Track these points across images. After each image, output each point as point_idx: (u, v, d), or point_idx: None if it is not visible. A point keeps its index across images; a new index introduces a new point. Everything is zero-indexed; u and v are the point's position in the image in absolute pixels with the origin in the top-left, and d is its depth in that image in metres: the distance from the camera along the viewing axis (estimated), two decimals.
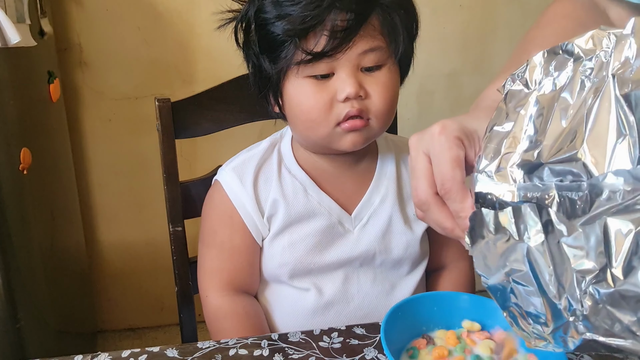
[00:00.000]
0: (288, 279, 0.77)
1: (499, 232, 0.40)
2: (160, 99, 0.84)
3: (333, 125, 0.69)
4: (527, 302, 0.40)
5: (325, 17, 0.64)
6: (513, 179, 0.40)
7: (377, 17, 0.67)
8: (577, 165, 0.36)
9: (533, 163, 0.39)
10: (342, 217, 0.77)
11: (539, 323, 0.40)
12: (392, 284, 0.80)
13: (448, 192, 0.45)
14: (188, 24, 1.53)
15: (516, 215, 0.39)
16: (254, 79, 0.74)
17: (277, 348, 0.63)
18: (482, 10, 1.69)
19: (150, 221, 1.67)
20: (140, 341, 1.76)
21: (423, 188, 0.47)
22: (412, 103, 1.71)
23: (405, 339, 0.59)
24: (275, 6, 0.66)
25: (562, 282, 0.38)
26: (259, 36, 0.68)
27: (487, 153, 0.42)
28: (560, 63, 0.42)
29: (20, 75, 1.12)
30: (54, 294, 1.27)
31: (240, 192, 0.76)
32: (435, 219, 0.48)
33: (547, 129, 0.40)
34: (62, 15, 1.48)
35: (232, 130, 0.90)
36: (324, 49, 0.65)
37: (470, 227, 0.42)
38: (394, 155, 0.81)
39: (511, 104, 0.44)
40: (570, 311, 0.38)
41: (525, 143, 0.40)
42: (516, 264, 0.40)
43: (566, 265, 0.37)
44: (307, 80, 0.68)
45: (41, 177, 1.21)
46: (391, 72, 0.70)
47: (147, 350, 0.63)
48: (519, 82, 0.44)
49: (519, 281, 0.40)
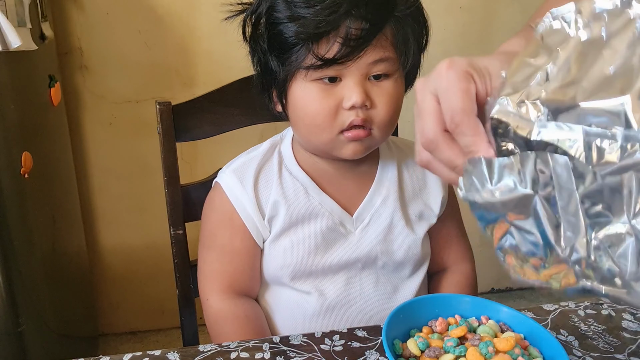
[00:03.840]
0: (289, 281, 0.77)
1: (501, 181, 0.37)
2: (160, 102, 0.84)
3: (336, 133, 0.69)
4: (526, 245, 0.38)
5: (341, 24, 0.64)
6: (537, 115, 0.36)
7: (390, 28, 0.67)
8: (615, 114, 0.33)
9: (564, 103, 0.35)
10: (344, 218, 0.77)
11: (536, 267, 0.38)
12: (394, 287, 0.80)
13: (459, 125, 0.42)
14: (189, 27, 1.53)
15: (524, 162, 0.36)
16: (258, 75, 0.73)
17: (279, 351, 0.63)
18: (482, 12, 1.69)
19: (151, 224, 1.67)
20: (142, 344, 1.76)
21: (431, 126, 0.44)
22: (413, 105, 1.71)
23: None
24: (288, 6, 0.65)
25: (570, 231, 0.35)
26: (269, 34, 0.68)
27: (512, 81, 0.39)
28: (614, 12, 0.37)
29: (21, 79, 1.13)
30: (55, 297, 1.27)
31: (240, 194, 0.76)
32: (445, 157, 0.44)
33: (587, 72, 0.36)
34: (63, 19, 1.49)
35: (233, 133, 0.90)
36: (336, 56, 0.65)
37: (466, 169, 0.39)
38: (396, 157, 0.81)
39: (549, 40, 0.40)
40: (573, 260, 0.36)
41: (558, 81, 0.37)
42: (520, 212, 0.37)
43: (579, 216, 0.35)
44: (315, 85, 0.68)
45: (42, 181, 1.21)
46: (397, 83, 0.70)
47: (148, 353, 0.62)
48: (561, 20, 0.40)
49: (520, 227, 0.38)
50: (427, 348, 0.55)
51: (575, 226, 0.35)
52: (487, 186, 0.38)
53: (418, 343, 0.56)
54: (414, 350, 0.55)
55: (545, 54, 0.39)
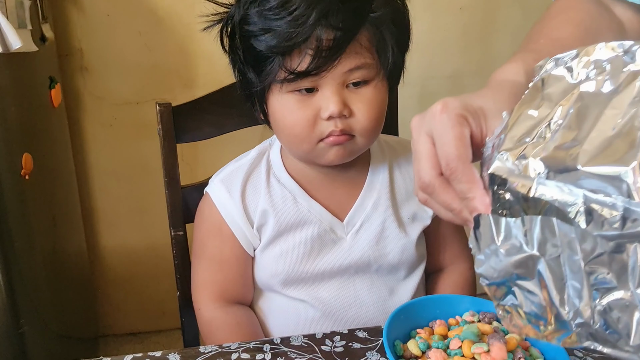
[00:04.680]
0: (281, 288, 0.76)
1: (508, 240, 0.37)
2: (161, 104, 0.84)
3: (316, 142, 0.68)
4: (528, 305, 0.38)
5: (311, 35, 0.62)
6: (537, 172, 0.35)
7: (366, 32, 0.65)
8: (617, 184, 0.32)
9: (565, 163, 0.35)
10: (334, 224, 0.76)
11: (537, 326, 0.38)
12: (390, 289, 0.79)
13: (454, 172, 0.42)
14: (189, 28, 1.53)
15: (530, 224, 0.36)
16: (239, 85, 0.73)
17: (280, 352, 0.63)
18: (482, 12, 1.69)
19: (152, 226, 1.67)
20: (142, 346, 1.76)
21: (426, 170, 0.44)
22: (414, 106, 1.71)
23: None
24: (260, 18, 0.64)
25: (575, 296, 0.36)
26: (244, 47, 0.67)
27: (512, 135, 0.38)
28: (617, 64, 0.37)
29: (21, 80, 1.13)
30: (56, 299, 1.27)
31: (228, 203, 0.75)
32: (441, 200, 0.45)
33: (589, 132, 0.35)
34: (63, 20, 1.49)
35: (233, 135, 0.90)
36: (308, 68, 0.63)
37: (476, 227, 0.39)
38: (387, 159, 0.80)
39: (550, 89, 0.39)
40: (577, 323, 0.36)
41: (558, 139, 0.36)
42: (525, 273, 0.37)
43: (583, 281, 0.35)
44: (291, 96, 0.67)
45: (43, 182, 1.21)
46: (378, 88, 0.68)
47: (149, 354, 0.62)
48: (563, 68, 0.40)
49: (525, 288, 0.38)
50: (428, 349, 0.55)
51: (579, 290, 0.35)
52: (493, 246, 0.38)
53: (419, 344, 0.56)
54: (414, 351, 0.55)
55: (546, 106, 0.39)
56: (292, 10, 0.62)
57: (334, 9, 0.62)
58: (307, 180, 0.77)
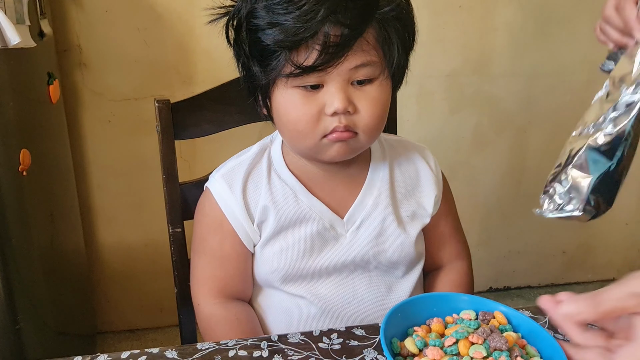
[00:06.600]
0: (280, 284, 0.77)
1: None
2: (159, 100, 0.84)
3: (319, 138, 0.68)
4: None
5: (319, 30, 0.63)
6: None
7: (372, 30, 0.66)
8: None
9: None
10: (334, 221, 0.76)
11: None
12: (388, 287, 0.79)
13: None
14: (187, 25, 1.53)
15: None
16: (243, 79, 0.73)
17: (277, 349, 0.63)
18: (481, 11, 1.69)
19: (150, 222, 1.67)
20: (140, 342, 1.76)
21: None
22: (412, 104, 1.71)
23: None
24: (267, 12, 0.64)
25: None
26: (250, 41, 0.67)
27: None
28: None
29: (19, 76, 1.12)
30: (53, 295, 1.27)
31: (229, 199, 0.76)
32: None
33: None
34: (62, 16, 1.48)
35: (232, 132, 0.90)
36: (315, 63, 0.64)
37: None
38: (388, 157, 0.80)
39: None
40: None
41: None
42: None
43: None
44: (296, 91, 0.67)
45: (40, 178, 1.21)
46: (382, 87, 0.68)
47: (146, 351, 0.63)
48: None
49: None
50: (425, 347, 0.56)
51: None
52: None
53: (416, 342, 0.56)
54: (411, 349, 0.55)
55: None
56: (301, 5, 0.62)
57: (343, 5, 0.62)
58: (308, 177, 0.77)
